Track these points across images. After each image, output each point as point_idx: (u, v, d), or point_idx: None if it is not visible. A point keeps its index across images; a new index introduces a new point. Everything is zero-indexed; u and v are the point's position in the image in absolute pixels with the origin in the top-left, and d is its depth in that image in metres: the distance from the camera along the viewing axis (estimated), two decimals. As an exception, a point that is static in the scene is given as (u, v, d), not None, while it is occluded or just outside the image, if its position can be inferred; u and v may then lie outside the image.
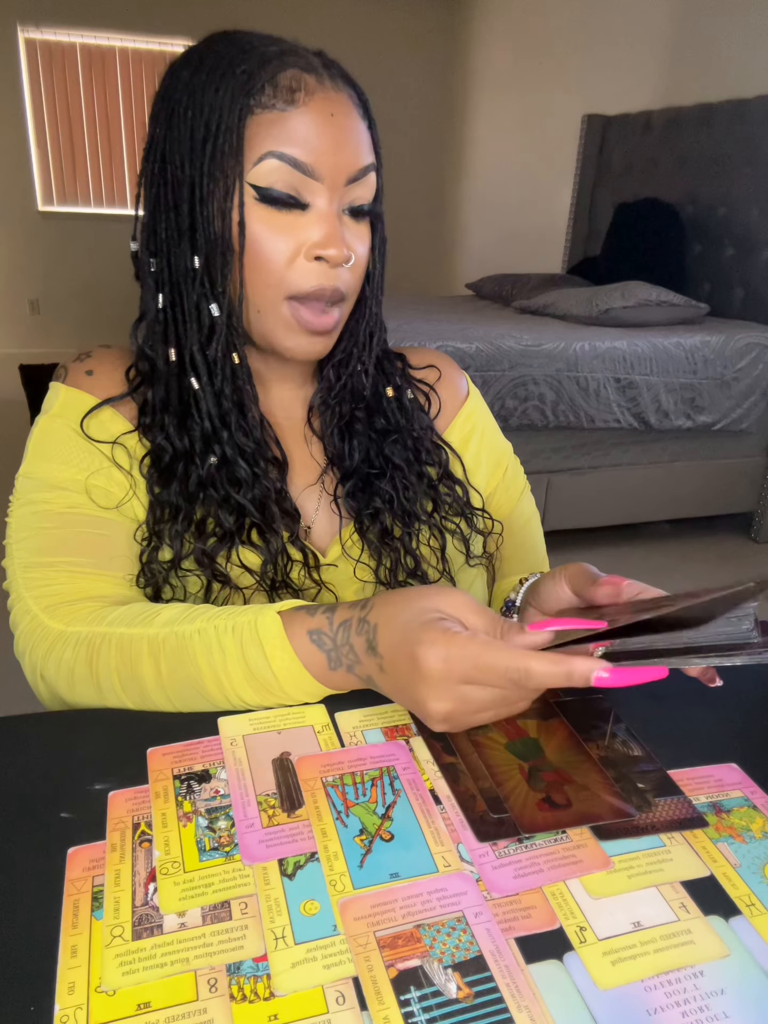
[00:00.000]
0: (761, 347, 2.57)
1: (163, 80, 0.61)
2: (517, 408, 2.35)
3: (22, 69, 4.63)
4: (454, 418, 0.79)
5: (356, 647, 0.50)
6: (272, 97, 0.57)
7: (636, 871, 0.42)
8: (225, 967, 0.36)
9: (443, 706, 0.44)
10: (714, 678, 0.53)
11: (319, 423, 0.73)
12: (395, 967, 0.36)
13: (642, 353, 2.44)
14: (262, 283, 0.61)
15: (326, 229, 0.60)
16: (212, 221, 0.59)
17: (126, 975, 0.35)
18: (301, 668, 0.52)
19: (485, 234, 4.98)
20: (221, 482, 0.65)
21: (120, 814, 0.45)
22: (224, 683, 0.53)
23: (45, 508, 0.63)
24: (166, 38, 4.72)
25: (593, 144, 3.54)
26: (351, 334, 0.69)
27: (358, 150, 0.60)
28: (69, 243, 5.02)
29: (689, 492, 2.70)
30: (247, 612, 0.54)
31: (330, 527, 0.72)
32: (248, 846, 0.42)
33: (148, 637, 0.55)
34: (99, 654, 0.55)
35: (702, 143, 2.96)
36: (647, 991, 0.36)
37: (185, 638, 0.54)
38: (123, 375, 0.67)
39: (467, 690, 0.44)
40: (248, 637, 0.53)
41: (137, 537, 0.65)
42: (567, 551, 2.54)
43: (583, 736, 0.52)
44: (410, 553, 0.71)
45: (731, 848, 0.44)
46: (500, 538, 0.80)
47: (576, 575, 0.56)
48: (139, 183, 0.63)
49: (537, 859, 0.42)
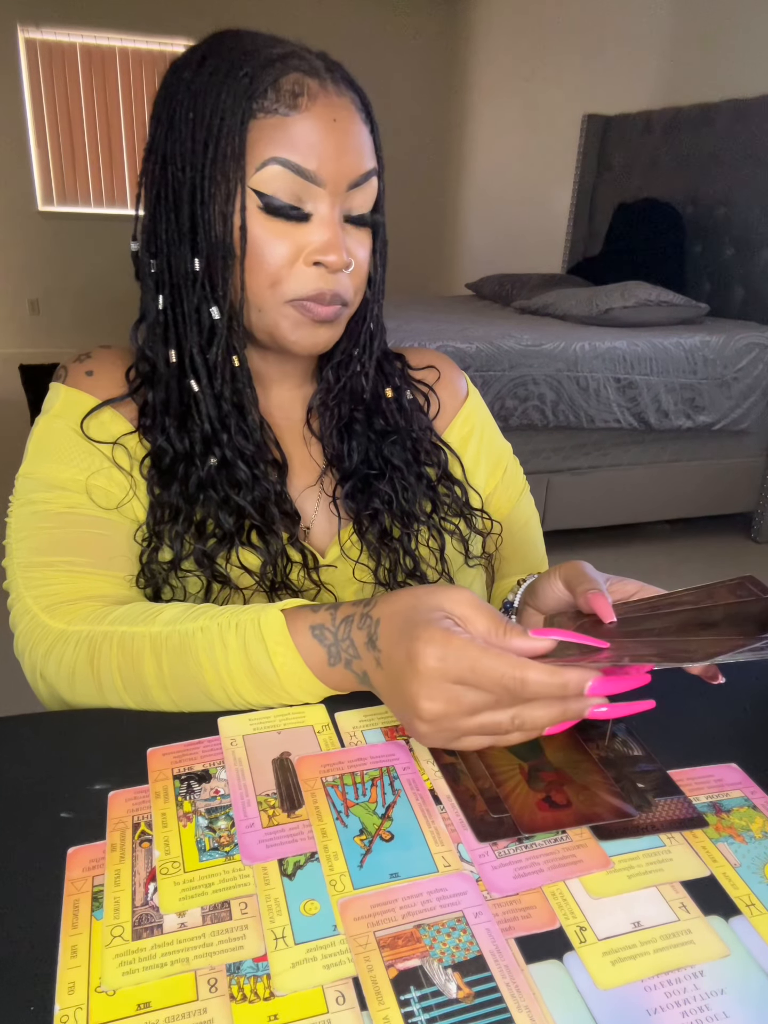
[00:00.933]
0: (761, 347, 2.57)
1: (164, 80, 0.61)
2: (517, 408, 2.35)
3: (22, 69, 4.63)
4: (453, 419, 0.79)
5: (356, 641, 0.50)
6: (275, 101, 0.57)
7: (636, 871, 0.42)
8: (225, 967, 0.36)
9: (434, 705, 0.44)
10: (716, 676, 0.53)
11: (318, 424, 0.73)
12: (395, 967, 0.36)
13: (642, 353, 2.44)
14: (262, 286, 0.61)
15: (327, 235, 0.60)
16: (213, 224, 0.59)
17: (126, 975, 0.35)
18: (302, 664, 0.52)
19: (485, 234, 4.98)
20: (221, 484, 0.65)
21: (120, 814, 0.45)
22: (225, 680, 0.53)
23: (45, 508, 0.63)
24: (166, 38, 4.72)
25: (593, 144, 3.53)
26: (351, 336, 0.69)
27: (360, 155, 0.60)
28: (69, 243, 5.02)
29: (689, 492, 2.70)
30: (250, 610, 0.54)
31: (329, 528, 0.72)
32: (248, 846, 0.43)
33: (150, 635, 0.55)
34: (100, 653, 0.55)
35: (702, 143, 2.96)
36: (647, 991, 0.36)
37: (187, 635, 0.54)
38: (123, 376, 0.67)
39: (460, 690, 0.43)
40: (251, 633, 0.53)
41: (137, 538, 0.65)
42: (567, 551, 2.54)
43: (583, 736, 0.52)
44: (409, 554, 0.71)
45: (731, 848, 0.44)
46: (499, 538, 0.80)
47: (571, 574, 0.56)
48: (139, 183, 0.63)
49: (537, 859, 0.42)
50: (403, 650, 0.45)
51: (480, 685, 0.43)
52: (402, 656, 0.45)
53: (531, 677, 0.42)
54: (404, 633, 0.46)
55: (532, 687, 0.42)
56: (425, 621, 0.45)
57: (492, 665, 0.42)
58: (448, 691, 0.43)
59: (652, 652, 0.45)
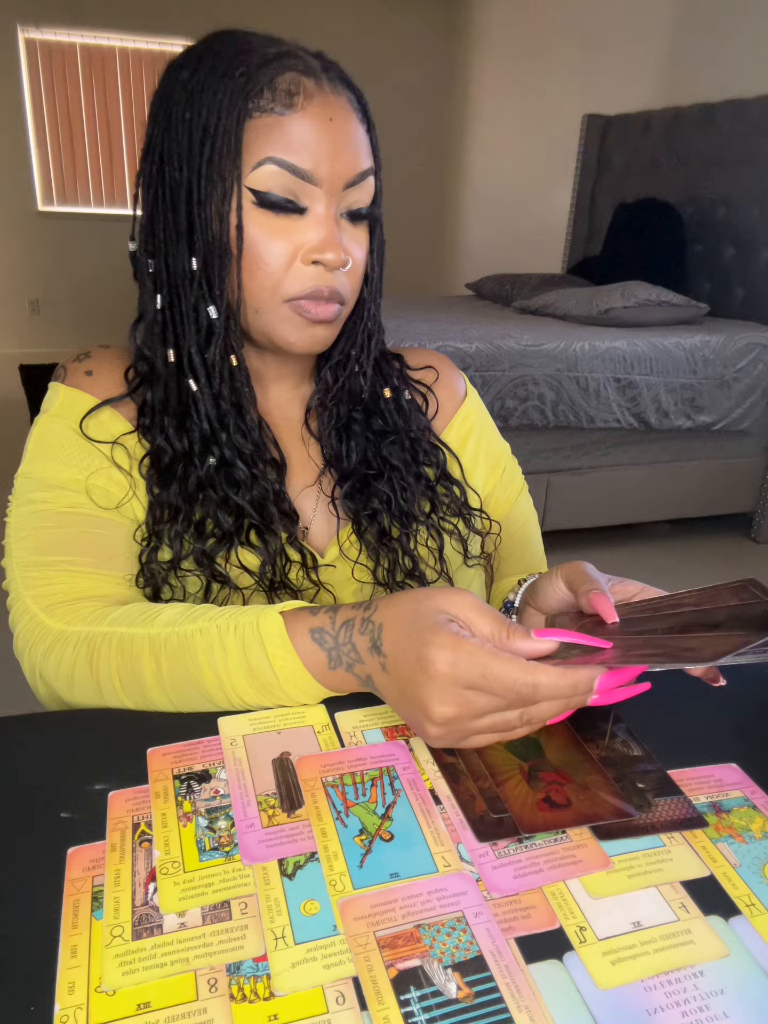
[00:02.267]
0: (761, 347, 2.57)
1: (162, 80, 0.61)
2: (517, 408, 2.35)
3: (22, 69, 4.63)
4: (452, 419, 0.79)
5: (359, 646, 0.50)
6: (270, 101, 0.57)
7: (636, 871, 0.42)
8: (225, 967, 0.36)
9: (446, 710, 0.44)
10: (717, 677, 0.53)
11: (317, 424, 0.73)
12: (395, 967, 0.36)
13: (642, 353, 2.44)
14: (259, 286, 0.61)
15: (323, 233, 0.60)
16: (210, 224, 0.59)
17: (126, 975, 0.35)
18: (301, 667, 0.52)
19: (485, 234, 4.98)
20: (220, 483, 0.65)
21: (120, 814, 0.45)
22: (224, 682, 0.53)
23: (45, 508, 0.63)
24: (166, 38, 4.72)
25: (593, 144, 3.53)
26: (349, 336, 0.69)
27: (356, 155, 0.60)
28: (69, 243, 5.02)
29: (689, 492, 2.70)
30: (249, 612, 0.54)
31: (328, 528, 0.72)
32: (248, 846, 0.42)
33: (149, 637, 0.55)
34: (99, 654, 0.55)
35: (702, 143, 2.96)
36: (647, 991, 0.36)
37: (186, 637, 0.54)
38: (122, 375, 0.67)
39: (471, 695, 0.44)
40: (250, 635, 0.53)
41: (137, 537, 0.65)
42: (567, 551, 2.54)
43: (583, 736, 0.52)
44: (408, 554, 0.71)
45: (731, 848, 0.44)
46: (498, 538, 0.80)
47: (573, 574, 0.56)
48: (137, 183, 0.63)
49: (537, 859, 0.42)
50: (412, 655, 0.45)
51: (492, 690, 0.43)
52: (411, 661, 0.45)
53: (543, 681, 0.42)
54: (411, 638, 0.46)
55: (544, 691, 0.43)
56: (431, 625, 0.45)
57: (504, 671, 0.42)
58: (460, 695, 0.44)
59: (655, 652, 0.45)
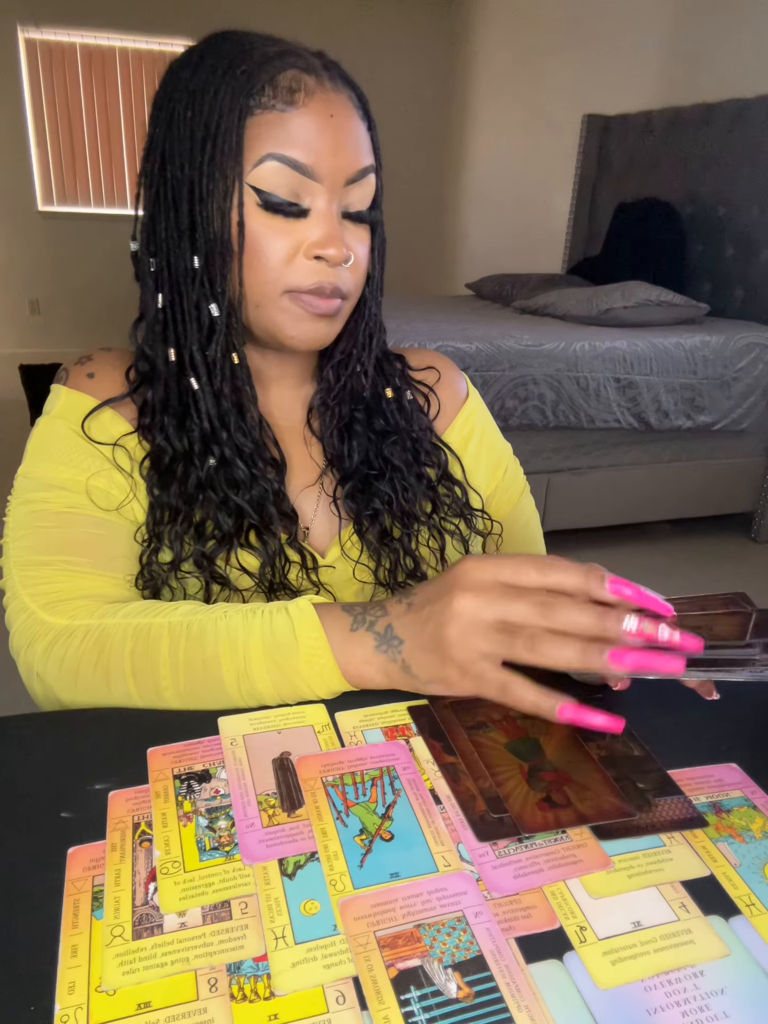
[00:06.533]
0: (761, 347, 2.57)
1: (163, 80, 0.61)
2: (517, 408, 2.35)
3: (22, 69, 4.64)
4: (453, 419, 0.79)
5: (387, 604, 0.54)
6: (272, 98, 0.57)
7: (636, 871, 0.42)
8: (225, 967, 0.36)
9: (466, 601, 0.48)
10: (711, 691, 0.53)
11: (318, 424, 0.73)
12: (395, 967, 0.36)
13: (642, 353, 2.44)
14: (260, 280, 0.61)
15: (325, 229, 0.60)
16: (211, 221, 0.59)
17: (126, 975, 0.35)
18: (320, 631, 0.53)
19: (485, 234, 4.98)
20: (220, 484, 0.65)
21: (120, 814, 0.45)
22: (240, 661, 0.53)
23: (44, 507, 0.63)
24: (166, 38, 4.72)
25: (593, 144, 3.54)
26: (350, 335, 0.69)
27: (357, 151, 0.60)
28: (69, 243, 5.02)
29: (689, 492, 2.71)
30: (280, 603, 0.57)
31: (329, 528, 0.72)
32: (248, 846, 0.43)
33: (169, 624, 0.55)
34: (112, 642, 0.55)
35: (702, 143, 2.96)
36: (647, 991, 0.35)
37: (210, 621, 0.55)
38: (124, 378, 0.67)
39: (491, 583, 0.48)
40: (277, 608, 0.55)
41: (137, 538, 0.65)
42: (567, 551, 2.54)
43: (583, 736, 0.52)
44: (409, 554, 0.71)
45: (731, 848, 0.44)
46: (500, 539, 0.80)
47: None
48: (139, 183, 0.63)
49: (537, 859, 0.42)
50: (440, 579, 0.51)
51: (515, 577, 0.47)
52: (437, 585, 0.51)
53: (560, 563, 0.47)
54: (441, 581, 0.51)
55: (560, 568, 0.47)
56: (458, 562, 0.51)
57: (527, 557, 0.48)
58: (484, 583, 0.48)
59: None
